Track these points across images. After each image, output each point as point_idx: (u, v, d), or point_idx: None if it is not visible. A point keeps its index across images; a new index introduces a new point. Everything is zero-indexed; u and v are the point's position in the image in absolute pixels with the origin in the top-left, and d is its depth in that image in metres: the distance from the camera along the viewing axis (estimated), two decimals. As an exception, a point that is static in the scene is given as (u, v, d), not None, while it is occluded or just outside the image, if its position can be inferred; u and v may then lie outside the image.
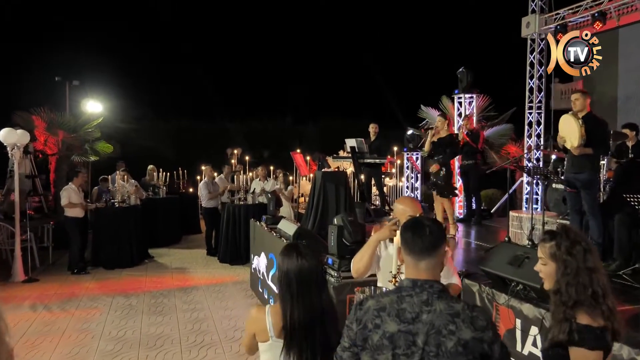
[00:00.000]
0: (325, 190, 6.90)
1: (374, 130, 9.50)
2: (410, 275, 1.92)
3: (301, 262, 2.39)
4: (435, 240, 1.91)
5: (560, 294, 2.14)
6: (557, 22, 10.33)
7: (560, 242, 2.17)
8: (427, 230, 1.91)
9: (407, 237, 1.94)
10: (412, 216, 3.03)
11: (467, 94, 8.97)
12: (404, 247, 1.95)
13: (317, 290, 2.40)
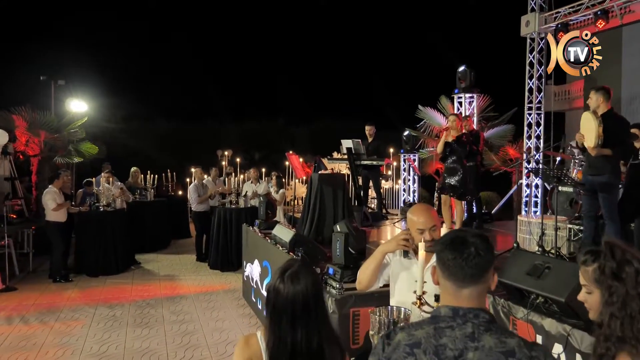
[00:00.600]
0: (322, 194, 6.53)
1: (370, 132, 9.17)
2: (449, 301, 1.56)
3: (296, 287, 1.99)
4: (484, 263, 1.54)
5: (603, 327, 1.74)
6: (557, 20, 10.08)
7: (605, 263, 1.74)
8: (473, 249, 1.53)
9: (447, 260, 1.55)
10: (422, 230, 2.68)
11: (467, 94, 8.67)
12: (441, 269, 1.58)
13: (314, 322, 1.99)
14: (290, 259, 2.55)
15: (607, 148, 4.99)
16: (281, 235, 5.51)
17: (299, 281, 2.00)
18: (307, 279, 2.01)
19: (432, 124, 10.64)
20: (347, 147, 8.51)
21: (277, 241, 5.55)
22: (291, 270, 2.06)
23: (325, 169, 7.18)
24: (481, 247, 1.54)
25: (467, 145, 6.50)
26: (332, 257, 4.06)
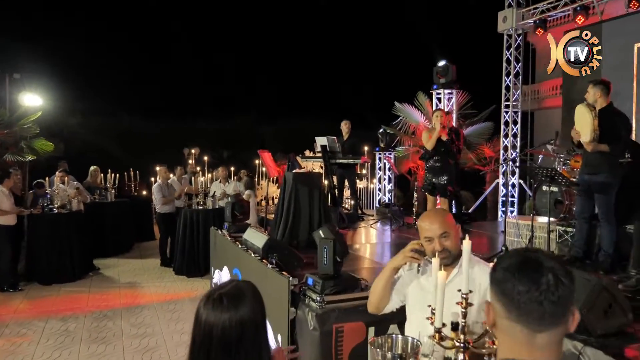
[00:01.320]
0: (297, 195, 6.07)
1: (346, 128, 8.77)
2: (518, 354, 1.11)
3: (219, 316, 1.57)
4: (568, 295, 1.11)
5: None
6: (535, 17, 9.89)
7: None
8: (552, 277, 1.10)
9: (516, 293, 1.12)
10: (430, 238, 2.27)
11: (446, 90, 8.36)
12: (505, 308, 1.13)
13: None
14: (230, 280, 2.02)
15: (604, 144, 4.71)
16: (253, 240, 5.03)
17: (225, 309, 1.54)
18: (239, 307, 1.57)
19: (409, 121, 10.31)
20: (321, 144, 8.08)
21: (249, 246, 5.06)
22: (220, 292, 1.61)
23: (299, 167, 6.72)
24: (561, 272, 1.11)
25: (454, 143, 6.17)
26: (318, 266, 3.61)
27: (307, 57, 21.54)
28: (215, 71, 22.19)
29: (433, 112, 6.27)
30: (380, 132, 10.09)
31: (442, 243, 2.25)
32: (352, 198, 8.90)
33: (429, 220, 2.31)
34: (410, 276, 2.46)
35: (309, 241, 6.02)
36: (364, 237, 7.25)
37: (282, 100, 21.39)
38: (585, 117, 4.74)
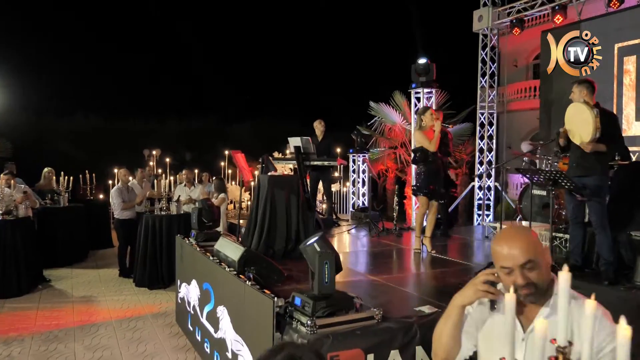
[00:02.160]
0: (274, 200, 5.54)
1: (321, 128, 8.29)
2: None
3: None
4: None
5: None
6: (512, 16, 9.69)
7: None
8: None
9: None
10: (509, 269, 1.75)
11: (426, 89, 8.00)
12: None
13: None
14: (279, 346, 1.42)
15: (602, 144, 4.42)
16: (226, 251, 4.48)
17: None
18: None
19: (385, 121, 9.92)
20: (295, 145, 7.55)
21: (222, 259, 4.51)
22: None
23: (274, 169, 6.20)
24: None
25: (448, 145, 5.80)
26: (314, 285, 3.10)
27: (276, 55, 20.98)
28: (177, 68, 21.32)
29: (420, 111, 5.85)
30: (354, 132, 9.65)
31: (526, 275, 1.72)
32: (327, 202, 8.43)
33: (508, 243, 1.76)
34: (481, 313, 1.95)
35: (286, 251, 5.51)
36: (343, 244, 6.78)
37: (248, 100, 20.71)
38: (584, 116, 4.43)
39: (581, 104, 4.52)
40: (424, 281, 4.59)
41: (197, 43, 21.89)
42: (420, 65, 7.91)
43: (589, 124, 4.36)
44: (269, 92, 20.83)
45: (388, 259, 5.82)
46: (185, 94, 20.67)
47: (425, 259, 5.61)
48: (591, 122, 4.34)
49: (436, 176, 5.74)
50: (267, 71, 20.97)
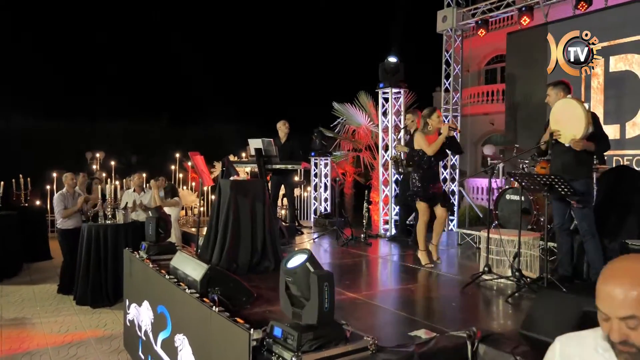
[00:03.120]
0: (237, 207, 4.96)
1: (285, 129, 7.76)
2: None
3: None
4: None
5: None
6: (477, 17, 9.49)
7: None
8: None
9: None
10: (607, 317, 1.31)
11: (394, 89, 7.62)
12: None
13: None
14: None
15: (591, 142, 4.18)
16: (186, 268, 3.86)
17: None
18: None
19: (349, 123, 9.48)
20: (255, 147, 6.98)
21: (180, 277, 3.88)
22: None
23: (236, 173, 5.62)
24: None
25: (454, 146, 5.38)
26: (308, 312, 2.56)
27: (232, 53, 20.18)
28: (121, 66, 20.14)
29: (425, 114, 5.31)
30: (314, 133, 9.17)
31: (624, 331, 1.29)
32: (289, 208, 7.90)
33: (613, 281, 1.32)
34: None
35: (251, 265, 4.94)
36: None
37: (200, 100, 19.81)
38: (575, 111, 4.15)
39: (571, 100, 4.27)
40: (410, 297, 4.15)
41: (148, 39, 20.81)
42: (391, 64, 7.52)
43: (580, 119, 4.08)
44: (225, 92, 20.02)
45: (363, 271, 5.35)
46: (131, 92, 19.55)
47: (405, 271, 5.17)
48: (583, 117, 4.06)
49: (435, 180, 5.30)
50: (222, 70, 20.14)
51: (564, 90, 4.54)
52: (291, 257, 2.69)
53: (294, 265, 2.54)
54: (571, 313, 2.63)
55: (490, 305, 4.04)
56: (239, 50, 20.10)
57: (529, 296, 4.07)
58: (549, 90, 4.63)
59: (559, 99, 4.48)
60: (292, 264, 2.57)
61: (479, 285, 4.44)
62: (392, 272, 5.21)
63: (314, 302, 2.46)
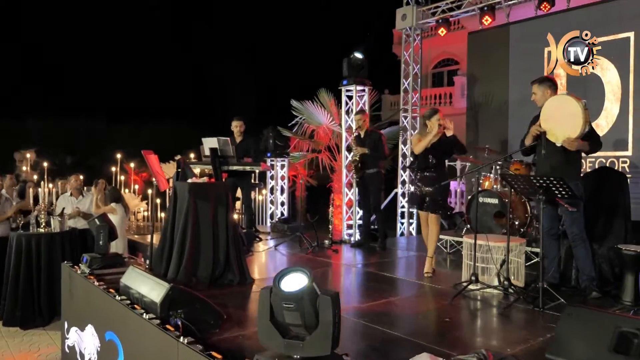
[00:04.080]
0: (197, 214, 4.38)
1: (239, 129, 7.19)
2: None
3: None
4: None
5: None
6: (437, 15, 9.30)
7: None
8: None
9: None
10: None
11: (359, 86, 7.23)
12: None
13: None
14: None
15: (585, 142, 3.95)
16: (140, 287, 3.26)
17: None
18: None
19: (310, 122, 9.01)
20: (210, 147, 6.38)
21: (134, 299, 3.28)
22: None
23: (193, 175, 5.02)
24: None
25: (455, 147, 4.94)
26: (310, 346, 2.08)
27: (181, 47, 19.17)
28: (52, 58, 18.68)
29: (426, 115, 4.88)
30: (270, 133, 8.62)
31: None
32: (247, 213, 7.33)
33: None
34: None
35: (213, 278, 4.37)
36: (274, 265, 5.73)
37: (142, 96, 18.68)
38: (570, 109, 3.89)
39: (566, 96, 4.02)
40: (397, 313, 3.73)
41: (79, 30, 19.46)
42: (357, 60, 7.12)
43: (577, 117, 3.82)
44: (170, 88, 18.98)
45: (337, 283, 4.89)
46: (64, 87, 18.18)
47: (382, 281, 4.76)
48: (580, 114, 3.80)
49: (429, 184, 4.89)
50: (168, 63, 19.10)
51: (550, 87, 4.29)
52: (282, 278, 2.20)
53: (296, 289, 2.04)
54: (606, 334, 2.30)
55: (486, 319, 3.70)
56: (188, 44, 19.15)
57: (524, 307, 3.77)
58: (535, 88, 4.37)
59: (546, 96, 4.22)
60: (291, 286, 2.08)
61: (464, 296, 4.10)
62: (368, 283, 4.78)
63: (326, 331, 1.98)
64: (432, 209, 4.82)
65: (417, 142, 4.90)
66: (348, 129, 7.43)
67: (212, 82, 18.97)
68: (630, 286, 3.92)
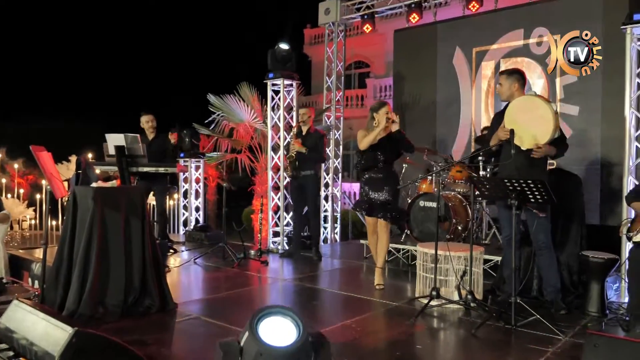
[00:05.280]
0: (104, 226, 3.50)
1: (150, 124, 6.26)
2: None
3: None
4: None
5: None
6: (362, 11, 8.94)
7: None
8: None
9: None
10: None
11: (286, 80, 6.58)
12: None
13: None
14: None
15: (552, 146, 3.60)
16: (28, 332, 2.38)
17: None
18: None
19: (231, 120, 8.17)
20: (116, 145, 5.42)
21: (20, 347, 2.40)
22: None
23: (96, 179, 4.09)
24: None
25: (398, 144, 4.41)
26: None
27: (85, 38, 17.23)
28: None
29: (374, 107, 4.37)
30: (184, 131, 7.72)
31: None
32: (160, 221, 6.40)
33: None
34: None
35: (126, 306, 3.52)
36: (197, 283, 4.92)
37: (32, 89, 16.57)
38: (539, 112, 3.51)
39: (533, 97, 3.64)
40: (360, 341, 3.15)
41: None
42: (282, 51, 6.47)
43: (547, 121, 3.47)
44: (66, 80, 17.00)
45: (281, 303, 4.21)
46: None
47: (331, 299, 4.17)
48: (551, 119, 3.45)
49: (377, 187, 4.33)
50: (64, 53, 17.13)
51: (518, 81, 3.84)
52: (258, 325, 1.52)
53: (284, 342, 1.38)
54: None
55: (461, 343, 3.22)
56: (90, 31, 17.31)
57: (494, 325, 3.37)
58: (502, 79, 3.91)
59: (512, 90, 3.80)
60: (279, 340, 1.40)
61: (423, 313, 3.63)
62: (313, 302, 4.16)
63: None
64: (382, 215, 4.31)
65: (362, 138, 4.38)
66: (274, 126, 6.77)
67: (115, 73, 17.32)
68: (596, 296, 3.69)
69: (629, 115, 4.16)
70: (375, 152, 4.34)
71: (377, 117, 4.29)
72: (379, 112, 4.29)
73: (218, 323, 3.43)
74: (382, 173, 4.33)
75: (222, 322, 3.44)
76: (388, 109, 4.32)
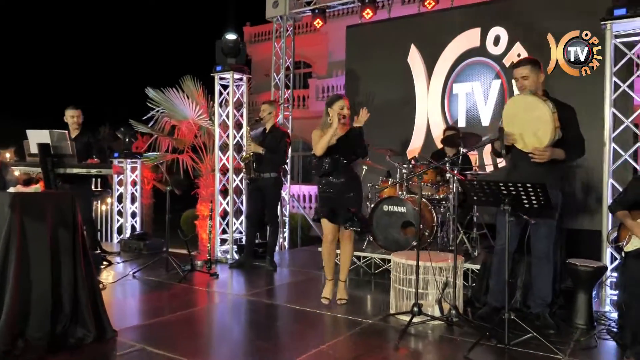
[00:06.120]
0: (25, 240, 2.84)
1: (76, 120, 5.47)
2: None
3: None
4: None
5: None
6: (313, 5, 8.54)
7: None
8: None
9: None
10: None
11: (236, 74, 6.01)
12: None
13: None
14: None
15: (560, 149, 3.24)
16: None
17: None
18: None
19: (171, 116, 7.46)
20: (40, 143, 4.69)
21: None
22: None
23: (15, 183, 3.39)
24: None
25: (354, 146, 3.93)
26: None
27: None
28: None
29: (328, 101, 3.90)
30: (121, 129, 6.98)
31: None
32: (88, 229, 5.63)
33: None
34: None
35: (53, 337, 2.88)
36: (138, 303, 4.26)
37: None
38: (536, 113, 3.18)
39: (528, 97, 3.26)
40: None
41: None
42: (229, 42, 5.89)
43: (546, 122, 3.15)
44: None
45: (240, 326, 3.67)
46: None
47: (298, 319, 3.69)
48: (549, 119, 3.14)
49: (341, 191, 3.87)
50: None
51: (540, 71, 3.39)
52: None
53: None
54: None
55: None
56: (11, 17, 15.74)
57: (486, 344, 3.03)
58: (526, 70, 3.37)
59: (540, 81, 3.37)
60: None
61: (404, 332, 3.24)
62: (278, 323, 3.66)
63: None
64: (349, 224, 3.87)
65: (318, 140, 3.89)
66: (222, 124, 6.19)
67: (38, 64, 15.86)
68: (584, 306, 3.45)
69: (609, 116, 3.99)
70: (335, 155, 3.88)
71: (331, 113, 3.84)
72: (333, 106, 3.83)
73: (168, 355, 2.86)
74: (344, 177, 3.89)
75: (172, 354, 2.87)
76: (344, 103, 3.87)
